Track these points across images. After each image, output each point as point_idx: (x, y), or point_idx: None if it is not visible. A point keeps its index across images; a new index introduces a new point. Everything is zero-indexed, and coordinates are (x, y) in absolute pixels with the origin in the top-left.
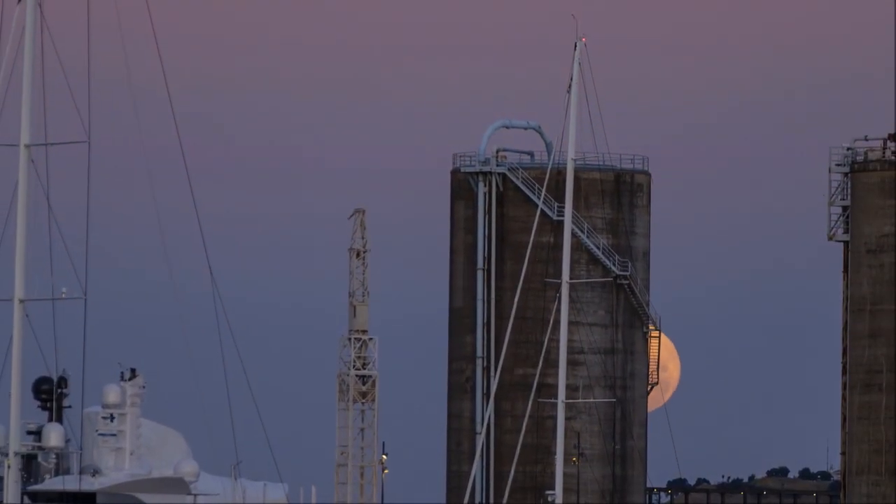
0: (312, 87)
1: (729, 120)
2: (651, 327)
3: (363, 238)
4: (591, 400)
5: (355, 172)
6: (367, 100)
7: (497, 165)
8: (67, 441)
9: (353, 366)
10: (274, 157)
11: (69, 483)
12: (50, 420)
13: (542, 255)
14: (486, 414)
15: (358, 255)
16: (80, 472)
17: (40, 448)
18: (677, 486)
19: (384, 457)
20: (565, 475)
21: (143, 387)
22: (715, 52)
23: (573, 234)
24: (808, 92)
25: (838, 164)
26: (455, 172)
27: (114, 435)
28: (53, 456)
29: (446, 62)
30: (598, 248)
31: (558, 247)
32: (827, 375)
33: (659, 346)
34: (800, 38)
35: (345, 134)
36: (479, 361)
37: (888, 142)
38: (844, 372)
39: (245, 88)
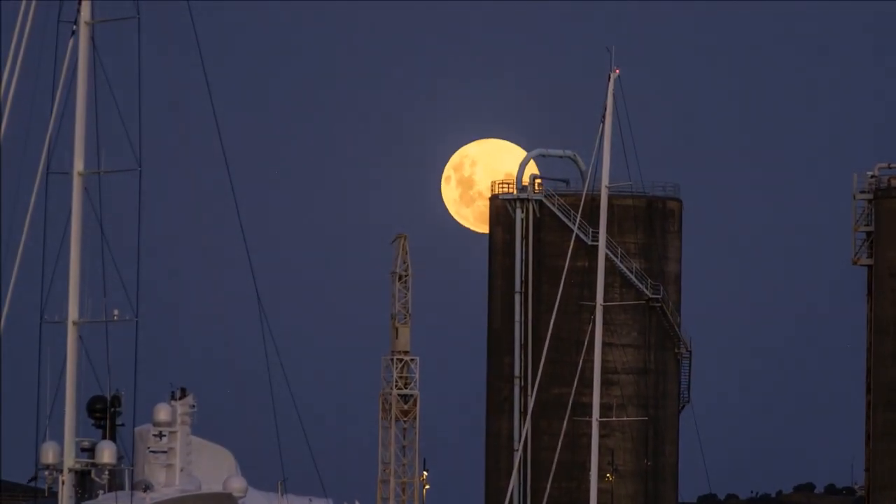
0: (354, 118)
1: (757, 149)
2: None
3: (405, 262)
4: (625, 418)
5: (397, 199)
6: (410, 129)
7: (534, 192)
8: (120, 458)
9: (396, 385)
10: (322, 184)
11: (122, 498)
12: (103, 438)
13: (578, 279)
14: (523, 432)
15: (400, 278)
16: (132, 488)
17: (94, 465)
18: (708, 500)
19: (425, 473)
20: (600, 491)
21: (193, 406)
22: (743, 82)
23: (607, 259)
24: (833, 119)
25: (863, 191)
26: (493, 199)
27: (164, 452)
28: (106, 472)
29: (485, 92)
30: (631, 271)
31: (593, 271)
32: (852, 394)
33: (690, 366)
34: (828, 70)
35: (389, 163)
36: (516, 381)
37: None
38: (868, 391)
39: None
